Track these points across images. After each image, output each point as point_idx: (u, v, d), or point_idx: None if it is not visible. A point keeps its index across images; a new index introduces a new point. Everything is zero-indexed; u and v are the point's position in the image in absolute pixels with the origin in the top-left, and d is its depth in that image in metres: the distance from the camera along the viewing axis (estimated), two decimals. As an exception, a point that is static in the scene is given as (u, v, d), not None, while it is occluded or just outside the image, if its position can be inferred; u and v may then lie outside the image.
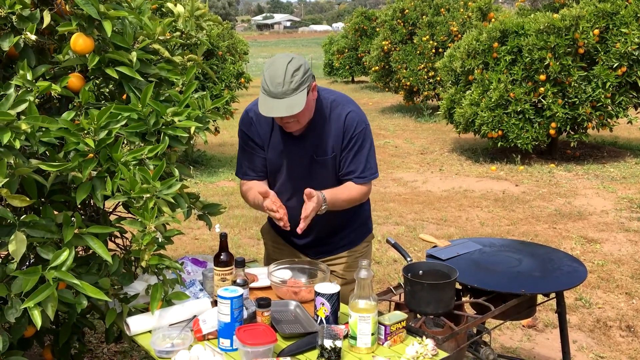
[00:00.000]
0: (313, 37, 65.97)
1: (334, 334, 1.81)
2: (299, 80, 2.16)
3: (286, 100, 2.14)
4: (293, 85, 2.14)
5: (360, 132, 2.36)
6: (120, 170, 1.84)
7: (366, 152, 2.39)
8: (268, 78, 2.16)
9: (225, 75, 8.62)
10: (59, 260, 1.72)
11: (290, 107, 2.15)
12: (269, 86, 2.15)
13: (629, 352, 3.47)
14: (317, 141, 2.36)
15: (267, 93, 2.16)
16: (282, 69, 2.14)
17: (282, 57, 2.19)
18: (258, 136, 2.42)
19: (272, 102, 2.16)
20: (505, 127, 7.92)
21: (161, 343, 1.91)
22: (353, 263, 2.55)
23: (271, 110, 2.17)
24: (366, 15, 18.14)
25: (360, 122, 2.36)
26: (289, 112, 2.16)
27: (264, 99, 2.18)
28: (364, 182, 2.40)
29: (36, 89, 1.84)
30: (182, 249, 5.29)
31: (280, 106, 2.15)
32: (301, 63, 2.18)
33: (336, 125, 2.34)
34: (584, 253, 5.00)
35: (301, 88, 2.16)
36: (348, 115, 2.35)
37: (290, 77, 2.14)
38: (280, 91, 2.14)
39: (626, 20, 7.40)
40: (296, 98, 2.15)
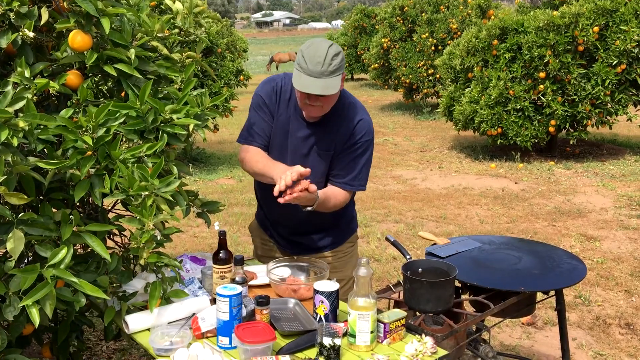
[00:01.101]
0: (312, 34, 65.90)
1: (333, 332, 1.81)
2: (337, 64, 2.19)
3: (323, 80, 2.17)
4: (332, 68, 2.17)
5: (365, 142, 2.38)
6: (118, 168, 1.83)
7: (363, 162, 2.40)
8: (308, 56, 2.18)
9: (224, 73, 8.60)
10: (57, 258, 1.72)
11: (325, 87, 2.18)
12: (308, 64, 2.17)
13: (628, 350, 3.47)
14: (323, 135, 2.37)
15: (304, 70, 2.18)
16: (324, 50, 2.17)
17: (323, 40, 2.24)
18: (273, 106, 2.42)
19: (309, 80, 2.18)
20: (505, 124, 7.91)
21: (160, 341, 1.91)
22: (337, 263, 2.55)
23: (307, 86, 2.18)
24: (365, 13, 18.12)
25: (368, 132, 2.39)
26: (325, 91, 2.18)
27: (299, 76, 2.20)
28: (350, 189, 2.41)
29: (34, 86, 1.83)
30: (182, 246, 5.28)
31: (316, 84, 2.17)
32: (340, 50, 2.22)
33: (346, 126, 2.36)
34: (583, 251, 5.00)
35: (337, 72, 2.20)
36: (360, 121, 2.37)
37: (331, 59, 2.17)
38: (319, 70, 2.16)
39: (626, 17, 7.39)
40: (333, 80, 2.19)
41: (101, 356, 3.37)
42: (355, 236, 2.68)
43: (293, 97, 2.39)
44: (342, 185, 2.40)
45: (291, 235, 2.57)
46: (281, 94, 2.41)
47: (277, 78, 2.45)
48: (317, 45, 2.20)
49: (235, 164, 8.82)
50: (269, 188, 2.47)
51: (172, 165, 2.01)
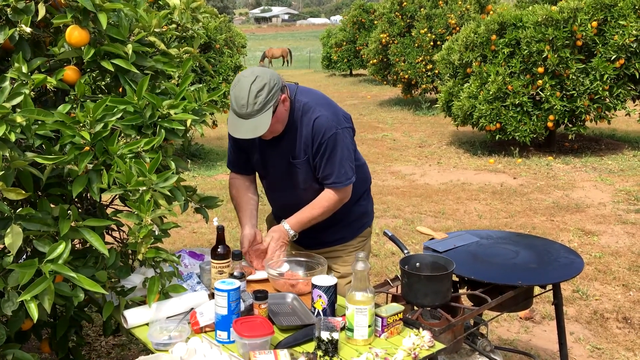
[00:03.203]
0: (311, 30, 65.81)
1: (331, 326, 1.82)
2: (262, 100, 2.15)
3: (251, 121, 2.16)
4: (257, 107, 2.15)
5: (330, 138, 2.32)
6: (116, 163, 1.83)
7: (339, 158, 2.36)
8: (233, 98, 2.18)
9: (222, 69, 8.60)
10: (56, 253, 1.72)
11: (255, 128, 2.17)
12: (235, 106, 2.17)
13: (626, 344, 3.48)
14: (291, 145, 2.37)
15: (234, 112, 2.19)
16: (246, 90, 2.14)
17: (246, 76, 2.18)
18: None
19: (239, 122, 2.19)
20: (503, 119, 7.92)
21: (159, 335, 1.91)
22: (348, 258, 2.56)
23: (238, 131, 2.20)
24: (364, 8, 18.10)
25: (329, 128, 2.32)
26: (254, 133, 2.19)
27: (232, 118, 2.21)
28: (339, 187, 2.41)
29: (31, 81, 1.83)
30: (180, 242, 5.29)
31: (246, 127, 2.18)
32: (265, 82, 2.15)
33: (306, 130, 2.34)
34: (581, 245, 5.01)
35: (266, 108, 2.16)
36: (316, 120, 2.32)
37: (254, 97, 2.14)
38: (245, 112, 2.15)
39: (624, 12, 7.39)
40: (261, 118, 2.16)
41: (100, 351, 3.38)
42: (368, 231, 2.68)
43: None
44: (332, 185, 2.40)
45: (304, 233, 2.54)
46: None
47: None
48: (240, 85, 2.15)
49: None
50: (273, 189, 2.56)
51: (169, 161, 2.02)
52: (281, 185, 2.49)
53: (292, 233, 2.42)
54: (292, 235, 2.43)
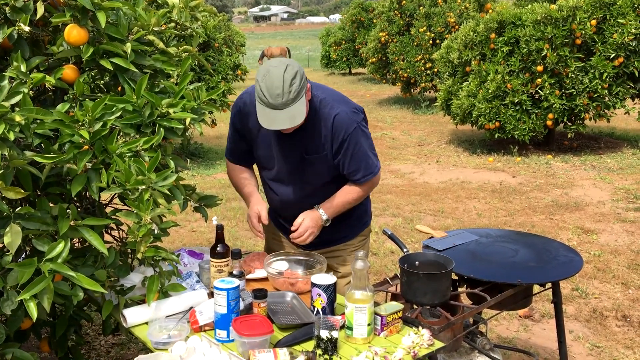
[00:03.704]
0: (310, 28, 65.78)
1: (330, 325, 1.82)
2: (297, 88, 2.11)
3: (287, 110, 2.11)
4: (292, 95, 2.10)
5: (352, 134, 2.31)
6: (115, 162, 1.83)
7: (364, 151, 2.36)
8: (266, 89, 2.10)
9: (221, 67, 8.59)
10: (55, 252, 1.72)
11: (292, 117, 2.13)
12: (268, 98, 2.10)
13: (625, 342, 3.48)
14: (306, 140, 2.33)
15: (266, 104, 2.11)
16: (280, 79, 2.09)
17: (277, 65, 2.13)
18: (247, 127, 2.41)
19: (273, 114, 2.12)
20: (503, 118, 7.92)
21: (158, 334, 1.91)
22: (349, 257, 2.55)
23: (273, 122, 2.13)
24: (363, 7, 18.08)
25: (350, 124, 2.31)
26: (292, 123, 2.14)
27: (263, 110, 2.13)
28: (369, 179, 2.42)
29: (30, 80, 1.83)
30: (180, 241, 5.29)
31: (282, 117, 2.11)
32: (296, 69, 2.13)
33: (324, 126, 2.30)
34: (580, 244, 5.01)
35: (300, 96, 2.13)
36: (336, 117, 2.29)
37: (289, 86, 2.10)
38: (281, 102, 2.09)
39: (623, 10, 7.39)
40: (297, 107, 2.12)
41: (100, 350, 3.38)
42: (368, 229, 2.68)
43: None
44: (362, 180, 2.41)
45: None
46: (249, 112, 2.36)
47: (245, 95, 2.41)
48: (273, 75, 2.10)
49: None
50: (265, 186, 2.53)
51: (169, 160, 2.02)
52: (288, 180, 2.43)
53: (325, 217, 2.38)
54: (325, 220, 2.39)
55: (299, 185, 2.43)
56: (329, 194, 2.43)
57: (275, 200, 2.53)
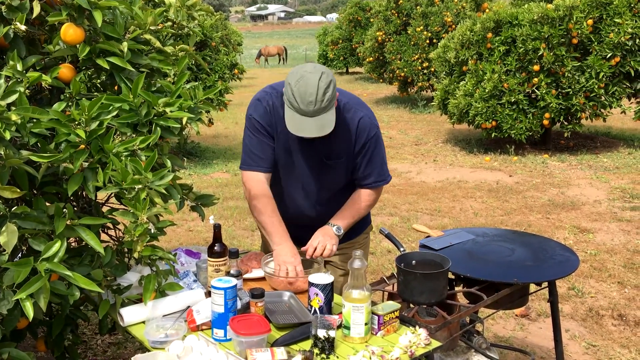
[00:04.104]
0: (307, 28, 65.76)
1: (328, 324, 1.82)
2: (329, 97, 2.09)
3: (317, 119, 2.09)
4: (324, 104, 2.08)
5: (373, 138, 2.34)
6: (111, 161, 1.83)
7: (381, 156, 2.39)
8: (298, 95, 2.07)
9: (218, 67, 8.58)
10: (51, 251, 1.72)
11: (321, 127, 2.10)
12: (299, 104, 2.07)
13: (621, 341, 3.50)
14: (328, 145, 2.31)
15: (296, 110, 2.09)
16: (314, 86, 2.06)
17: (312, 71, 2.10)
18: (270, 126, 2.34)
19: (303, 121, 2.09)
20: (499, 117, 7.93)
21: (155, 333, 1.91)
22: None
23: (302, 129, 2.10)
24: (360, 6, 18.08)
25: (372, 128, 2.33)
26: (321, 132, 2.11)
27: (292, 116, 2.10)
28: (381, 185, 2.43)
29: (26, 79, 1.82)
30: (177, 240, 5.28)
31: (311, 125, 2.09)
32: (330, 78, 2.11)
33: (348, 130, 2.29)
34: (577, 243, 5.03)
35: (331, 105, 2.11)
36: (360, 120, 2.30)
37: (323, 94, 2.07)
38: (312, 110, 2.07)
39: (620, 10, 7.41)
40: (327, 116, 2.10)
41: (96, 350, 3.37)
42: (370, 227, 2.70)
43: None
44: (373, 185, 2.42)
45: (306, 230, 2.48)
46: (275, 112, 2.32)
47: (266, 96, 2.35)
48: (308, 81, 2.07)
49: (230, 158, 8.81)
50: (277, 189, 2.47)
51: (165, 159, 2.01)
52: (305, 186, 2.40)
53: (338, 231, 2.36)
54: (339, 232, 2.37)
55: (315, 191, 2.42)
56: (341, 200, 2.45)
57: (288, 207, 2.48)
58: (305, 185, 2.41)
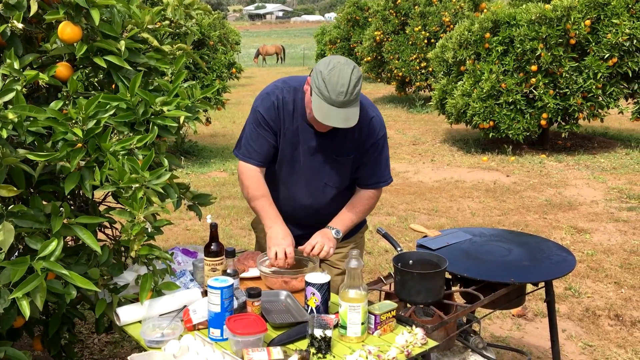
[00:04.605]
0: (305, 27, 65.73)
1: (324, 324, 1.82)
2: (358, 91, 2.13)
3: (345, 110, 2.10)
4: (353, 97, 2.10)
5: (381, 138, 2.38)
6: (108, 160, 1.82)
7: (385, 157, 2.44)
8: (330, 83, 2.08)
9: (216, 66, 8.57)
10: (48, 250, 1.72)
11: (347, 119, 2.12)
12: (330, 92, 2.08)
13: (617, 341, 3.50)
14: (339, 141, 2.33)
15: (325, 99, 2.10)
16: (347, 78, 2.08)
17: (345, 63, 2.12)
18: (276, 122, 2.34)
19: (330, 110, 2.10)
20: (497, 117, 7.94)
21: (151, 333, 1.91)
22: (348, 253, 2.55)
23: (329, 118, 2.11)
24: (358, 6, 18.06)
25: (382, 128, 2.38)
26: (346, 124, 2.13)
27: (320, 104, 2.11)
28: (383, 186, 2.46)
29: (23, 78, 1.82)
30: (174, 239, 5.28)
31: (339, 116, 2.11)
32: (360, 73, 2.15)
33: (359, 127, 2.29)
34: (573, 243, 5.03)
35: (357, 99, 2.14)
36: (372, 119, 2.34)
37: (354, 87, 2.10)
38: (342, 100, 2.09)
39: (617, 10, 7.42)
40: (354, 109, 2.13)
41: (93, 349, 3.37)
42: (366, 227, 2.71)
43: (297, 107, 2.32)
44: (375, 185, 2.45)
45: (303, 229, 2.50)
46: (284, 107, 2.33)
47: (276, 90, 2.35)
48: (341, 72, 2.09)
49: (227, 157, 8.80)
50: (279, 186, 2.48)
51: (162, 158, 2.01)
52: (310, 181, 2.41)
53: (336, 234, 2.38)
54: (338, 235, 2.39)
55: (320, 187, 2.43)
56: (342, 202, 2.46)
57: (289, 202, 2.48)
58: (310, 180, 2.41)
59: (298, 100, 2.32)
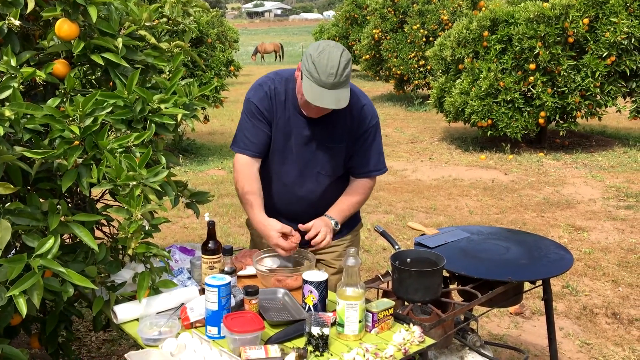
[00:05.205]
0: (304, 25, 65.66)
1: (322, 322, 1.82)
2: (348, 73, 2.15)
3: (335, 92, 2.13)
4: (343, 78, 2.13)
5: (374, 126, 2.39)
6: (106, 158, 1.82)
7: (378, 146, 2.44)
8: (320, 65, 2.11)
9: (214, 63, 8.56)
10: (45, 248, 1.71)
11: (338, 100, 2.14)
12: (320, 74, 2.11)
13: (615, 339, 3.51)
14: (330, 129, 2.35)
15: (315, 80, 2.13)
16: (337, 60, 2.11)
17: (334, 46, 2.15)
18: (269, 112, 2.37)
19: (321, 92, 2.13)
20: (495, 116, 7.94)
21: (148, 331, 1.91)
22: (343, 252, 2.55)
23: (321, 99, 2.13)
24: (357, 4, 18.06)
25: (374, 116, 2.40)
26: (337, 105, 2.15)
27: (311, 86, 2.14)
28: (375, 175, 2.46)
29: (20, 75, 1.81)
30: (172, 237, 5.27)
31: (329, 97, 2.13)
32: (349, 57, 2.17)
33: (350, 115, 2.34)
34: (571, 241, 5.04)
35: (348, 82, 2.17)
36: (364, 107, 2.37)
37: (343, 69, 2.12)
38: (331, 82, 2.11)
39: (615, 9, 7.42)
40: (344, 91, 2.15)
41: (90, 347, 3.37)
42: (360, 225, 2.70)
43: (289, 97, 2.35)
44: (367, 174, 2.44)
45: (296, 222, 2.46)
46: (276, 97, 2.35)
47: (268, 81, 2.38)
48: (330, 54, 2.12)
49: (225, 155, 8.79)
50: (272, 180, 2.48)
51: (160, 156, 2.01)
52: (303, 170, 2.41)
53: (334, 222, 2.37)
54: (335, 224, 2.38)
55: (314, 176, 2.42)
56: (337, 189, 2.46)
57: (284, 196, 2.48)
58: (304, 170, 2.41)
59: (290, 90, 2.35)
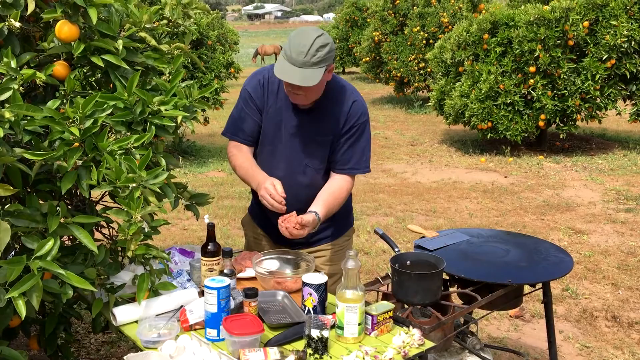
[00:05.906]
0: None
1: (321, 324, 1.82)
2: (321, 56, 2.16)
3: (303, 70, 2.15)
4: (314, 60, 2.15)
5: (362, 123, 2.40)
6: (106, 160, 1.82)
7: (363, 144, 2.43)
8: (293, 44, 2.17)
9: (214, 65, 8.56)
10: (44, 249, 1.71)
11: (304, 78, 2.16)
12: (292, 52, 2.16)
13: (614, 342, 3.50)
14: (319, 121, 2.37)
15: (287, 58, 2.17)
16: (310, 40, 2.15)
17: (313, 29, 2.20)
18: (261, 100, 2.41)
19: (289, 68, 2.17)
20: (495, 118, 7.94)
21: (148, 333, 1.90)
22: (334, 257, 2.55)
23: (285, 74, 2.17)
24: (357, 6, 18.07)
25: (363, 113, 2.41)
26: (302, 82, 2.17)
27: (282, 63, 2.19)
28: (356, 173, 2.44)
29: (20, 76, 1.82)
30: (171, 239, 5.27)
31: (295, 74, 2.16)
32: (329, 42, 2.19)
33: (340, 110, 2.36)
34: (571, 244, 5.04)
35: (321, 65, 2.18)
36: (354, 103, 2.38)
37: (315, 50, 2.15)
38: (301, 60, 2.14)
39: (615, 12, 7.43)
40: (313, 72, 2.16)
41: (89, 348, 3.36)
42: (352, 230, 2.69)
43: (282, 87, 2.37)
44: (348, 171, 2.42)
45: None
46: (268, 86, 2.39)
47: (264, 70, 2.44)
48: (305, 35, 2.17)
49: (225, 157, 8.76)
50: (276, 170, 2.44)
51: (160, 157, 2.01)
52: (291, 161, 2.41)
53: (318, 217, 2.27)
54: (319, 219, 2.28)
55: (301, 168, 2.42)
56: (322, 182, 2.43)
57: None
58: (292, 161, 2.41)
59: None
